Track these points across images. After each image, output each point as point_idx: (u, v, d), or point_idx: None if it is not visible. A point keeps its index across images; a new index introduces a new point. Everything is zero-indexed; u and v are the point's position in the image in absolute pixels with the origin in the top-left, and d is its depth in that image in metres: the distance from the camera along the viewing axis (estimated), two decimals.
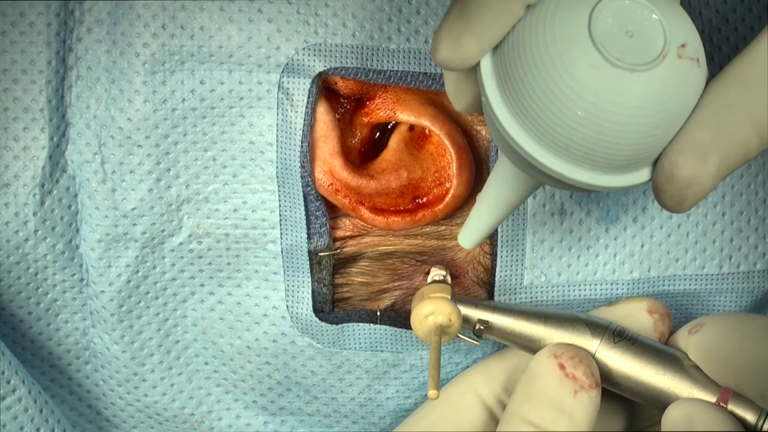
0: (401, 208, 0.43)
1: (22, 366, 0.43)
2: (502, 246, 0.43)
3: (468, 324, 0.42)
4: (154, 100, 0.41)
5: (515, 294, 0.44)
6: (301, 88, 0.41)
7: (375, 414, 0.47)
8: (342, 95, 0.42)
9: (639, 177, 0.33)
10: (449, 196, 0.43)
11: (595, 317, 0.42)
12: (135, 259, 0.43)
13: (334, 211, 0.44)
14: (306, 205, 0.42)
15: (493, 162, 0.43)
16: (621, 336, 0.41)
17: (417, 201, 0.43)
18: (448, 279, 0.44)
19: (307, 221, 0.42)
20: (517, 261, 0.44)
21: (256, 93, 0.41)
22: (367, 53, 0.41)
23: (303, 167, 0.41)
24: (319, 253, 0.43)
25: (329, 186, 0.42)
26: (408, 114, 0.42)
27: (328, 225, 0.43)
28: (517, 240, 0.44)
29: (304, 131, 0.41)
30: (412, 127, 0.43)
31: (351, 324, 0.44)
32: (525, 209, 0.43)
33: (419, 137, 0.43)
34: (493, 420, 0.43)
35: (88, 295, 0.44)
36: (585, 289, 0.44)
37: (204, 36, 0.40)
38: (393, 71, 0.41)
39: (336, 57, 0.40)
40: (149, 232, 0.42)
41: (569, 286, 0.44)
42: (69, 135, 0.41)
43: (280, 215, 0.42)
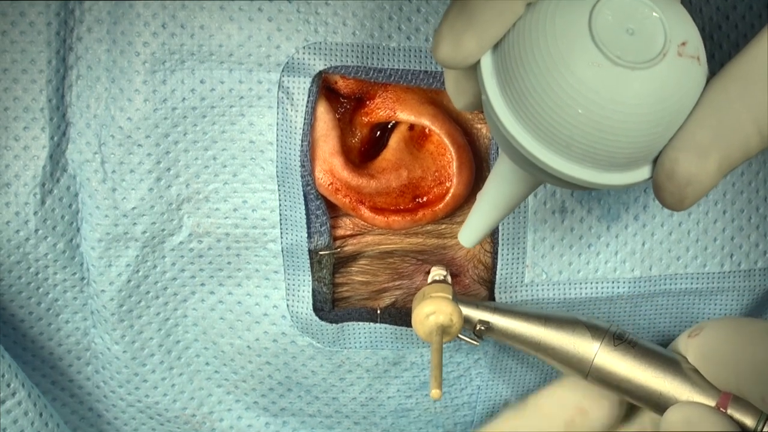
0: (401, 207, 0.43)
1: (21, 369, 0.43)
2: (503, 244, 0.43)
3: (468, 324, 0.42)
4: (154, 99, 0.40)
5: (516, 292, 0.44)
6: (302, 87, 0.41)
7: (376, 414, 0.47)
8: (342, 95, 0.42)
9: (639, 175, 0.33)
10: (449, 195, 0.43)
11: (596, 319, 0.42)
12: (135, 259, 0.43)
13: (334, 210, 0.44)
14: (306, 204, 0.42)
15: (494, 160, 0.43)
16: (621, 339, 0.41)
17: (417, 200, 0.43)
18: (448, 279, 0.44)
19: (308, 220, 0.42)
20: (518, 259, 0.44)
21: (256, 92, 0.41)
22: (368, 51, 0.41)
23: (303, 166, 0.41)
24: (320, 252, 0.43)
25: (329, 185, 0.42)
26: (408, 113, 0.42)
27: (328, 224, 0.43)
28: (518, 238, 0.43)
29: (304, 130, 0.41)
30: (412, 127, 0.43)
31: (351, 323, 0.44)
32: (526, 207, 0.43)
33: (419, 136, 0.43)
34: None
35: (89, 295, 0.44)
36: (586, 288, 0.44)
37: (204, 35, 0.40)
38: (393, 69, 0.41)
39: (336, 55, 0.40)
40: (150, 231, 0.42)
41: (570, 284, 0.44)
42: (69, 134, 0.41)
43: (280, 214, 0.42)
